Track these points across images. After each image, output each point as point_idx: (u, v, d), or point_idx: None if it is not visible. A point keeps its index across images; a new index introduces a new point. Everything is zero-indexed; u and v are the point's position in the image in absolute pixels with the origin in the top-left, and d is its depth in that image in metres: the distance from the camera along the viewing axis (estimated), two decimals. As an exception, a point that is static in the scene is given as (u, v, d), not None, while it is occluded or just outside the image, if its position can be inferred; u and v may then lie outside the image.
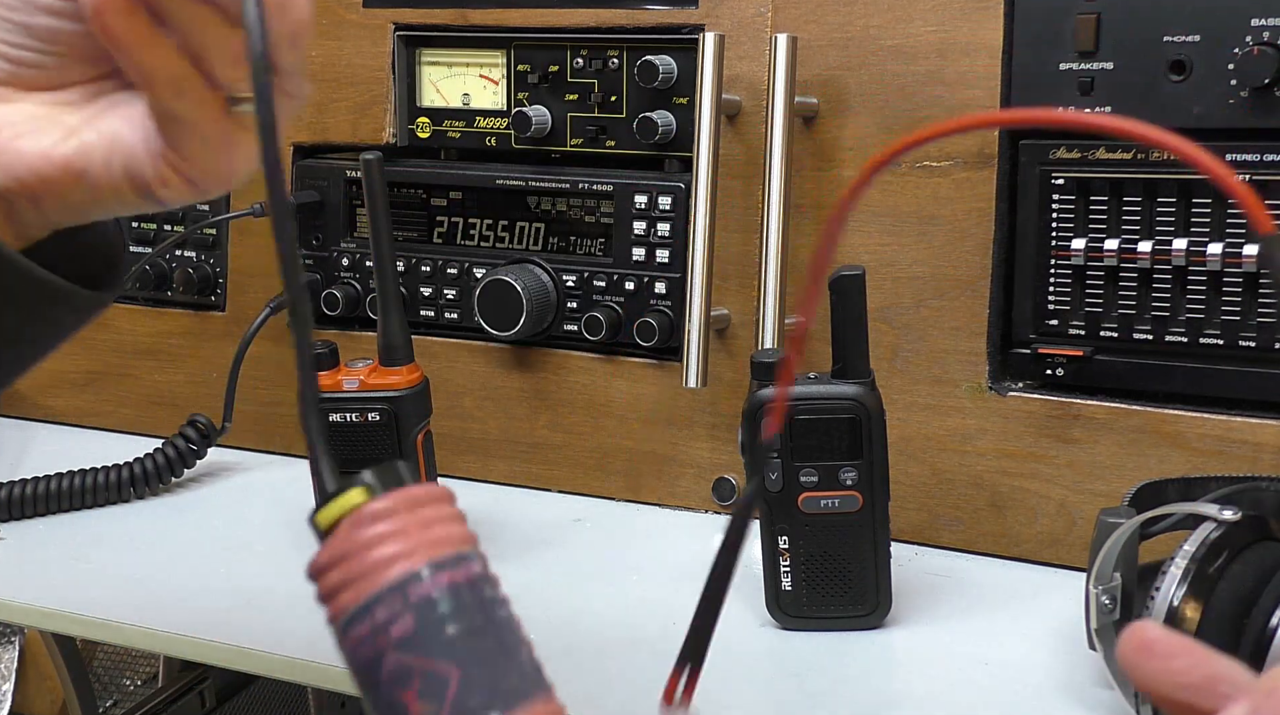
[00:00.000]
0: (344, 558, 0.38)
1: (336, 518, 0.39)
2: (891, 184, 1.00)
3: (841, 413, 0.84)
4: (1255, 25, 0.88)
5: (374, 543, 0.38)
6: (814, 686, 0.82)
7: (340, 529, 0.39)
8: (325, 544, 0.39)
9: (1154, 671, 0.42)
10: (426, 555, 0.39)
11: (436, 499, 0.40)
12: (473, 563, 0.39)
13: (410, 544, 0.39)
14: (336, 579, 0.38)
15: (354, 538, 0.38)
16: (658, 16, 1.08)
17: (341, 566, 0.38)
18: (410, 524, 0.39)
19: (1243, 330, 0.90)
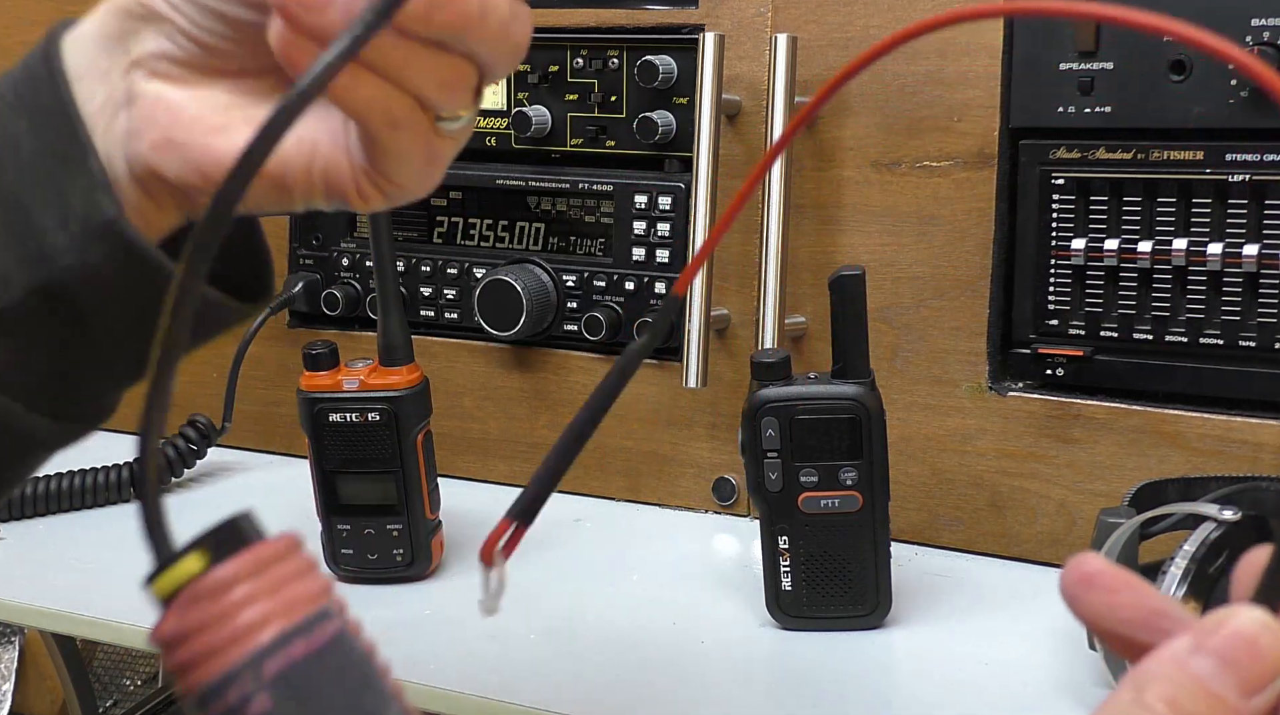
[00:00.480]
0: (188, 633, 0.35)
1: (174, 588, 0.35)
2: (891, 184, 1.00)
3: (841, 413, 0.84)
4: (1255, 25, 0.88)
5: (219, 617, 0.35)
6: (814, 686, 0.82)
7: (181, 600, 0.35)
8: (166, 615, 0.35)
9: (1095, 605, 0.41)
10: (279, 625, 0.35)
11: (282, 554, 0.37)
12: (329, 621, 0.36)
13: (259, 613, 0.35)
14: (184, 656, 0.35)
15: (197, 611, 0.35)
16: (658, 16, 1.08)
17: (187, 643, 0.35)
18: (257, 590, 0.36)
19: (1243, 330, 0.90)
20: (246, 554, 0.36)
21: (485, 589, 0.39)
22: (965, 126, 0.97)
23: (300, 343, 0.99)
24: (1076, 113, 0.94)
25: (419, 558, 0.96)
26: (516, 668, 0.84)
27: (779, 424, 0.85)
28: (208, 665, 0.34)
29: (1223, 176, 0.89)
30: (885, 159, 1.00)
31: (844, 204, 1.02)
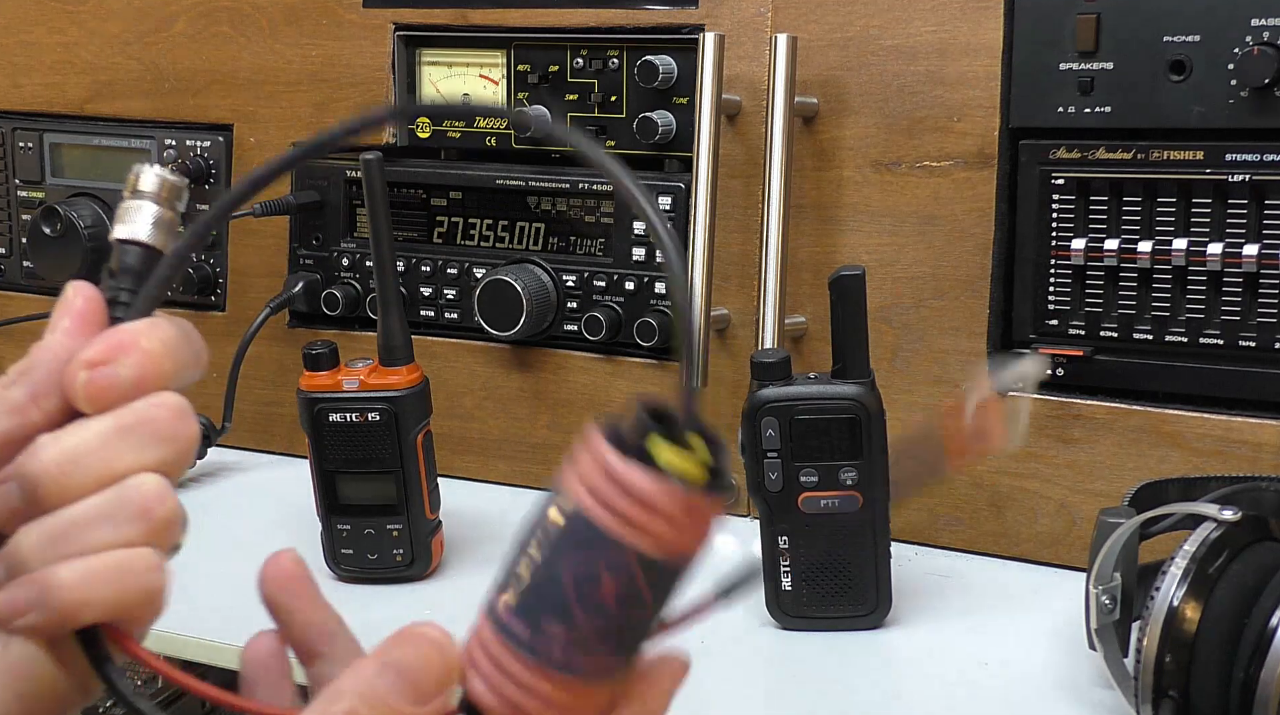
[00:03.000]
0: (669, 517, 0.39)
1: (673, 471, 0.39)
2: (892, 184, 1.00)
3: (841, 413, 0.84)
4: (1255, 25, 0.88)
5: (680, 526, 0.39)
6: (814, 686, 0.82)
7: (678, 493, 0.39)
8: (663, 482, 0.38)
9: (290, 608, 0.44)
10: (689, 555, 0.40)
11: (717, 510, 0.40)
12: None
13: (686, 544, 0.40)
14: (649, 523, 0.39)
15: (679, 512, 0.39)
16: (658, 16, 1.08)
17: (660, 521, 0.39)
18: (695, 536, 0.40)
19: (1243, 330, 0.90)
20: (716, 506, 0.39)
21: None
22: (965, 126, 0.97)
23: (300, 343, 0.99)
24: (1076, 113, 0.94)
25: (419, 558, 0.96)
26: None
27: (779, 424, 0.85)
28: (668, 542, 0.39)
29: (1223, 176, 0.89)
30: (885, 159, 1.00)
31: (844, 204, 1.02)
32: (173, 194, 0.48)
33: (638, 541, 0.38)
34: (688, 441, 0.39)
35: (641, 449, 0.39)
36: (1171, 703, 0.69)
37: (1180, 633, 0.69)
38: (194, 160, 1.26)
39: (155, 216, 0.47)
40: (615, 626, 0.39)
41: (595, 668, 0.40)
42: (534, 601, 0.40)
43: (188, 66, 1.26)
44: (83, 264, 1.27)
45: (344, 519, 0.95)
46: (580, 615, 0.39)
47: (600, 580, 0.39)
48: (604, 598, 0.39)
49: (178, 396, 0.44)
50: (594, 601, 0.39)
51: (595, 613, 0.39)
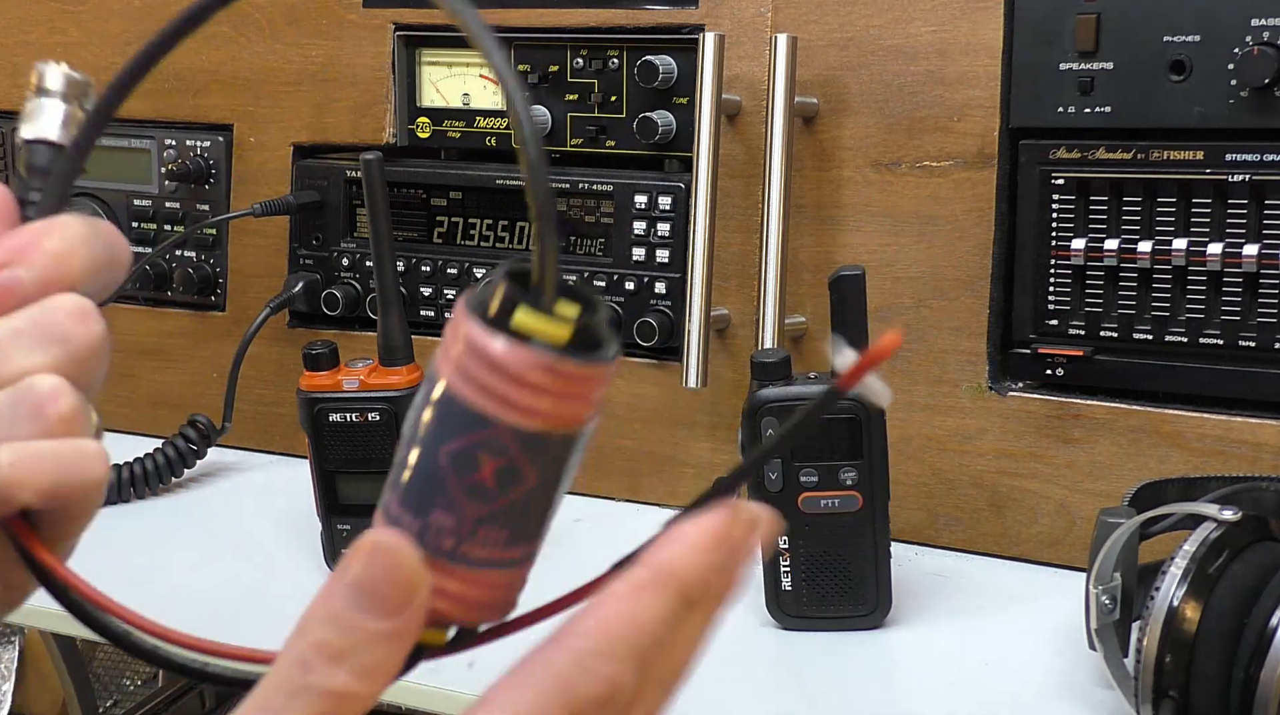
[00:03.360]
0: (528, 383, 0.36)
1: (534, 335, 0.36)
2: (892, 184, 1.00)
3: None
4: (1255, 25, 0.88)
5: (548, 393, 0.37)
6: (814, 686, 0.82)
7: (538, 356, 0.36)
8: (518, 348, 0.36)
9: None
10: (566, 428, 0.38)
11: (605, 380, 0.38)
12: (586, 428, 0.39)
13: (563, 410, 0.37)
14: (507, 391, 0.37)
15: (537, 376, 0.37)
16: (658, 16, 1.08)
17: (519, 388, 0.36)
18: (570, 398, 0.38)
19: (1243, 330, 0.90)
20: (587, 370, 0.37)
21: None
22: (965, 126, 0.97)
23: (300, 343, 0.99)
24: (1076, 113, 0.94)
25: (419, 558, 0.96)
26: (516, 668, 0.84)
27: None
28: (517, 415, 0.37)
29: (1223, 176, 0.89)
30: (885, 159, 1.00)
31: (844, 204, 1.02)
32: (79, 91, 0.47)
33: (508, 416, 0.36)
34: (552, 306, 0.36)
35: (504, 318, 0.36)
36: (1171, 703, 0.69)
37: (1180, 633, 0.69)
38: (194, 160, 1.26)
39: (64, 115, 0.46)
40: (500, 509, 0.38)
41: (488, 556, 0.38)
42: (418, 492, 0.38)
43: (188, 66, 1.26)
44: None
45: (344, 519, 0.95)
46: (463, 500, 0.37)
47: (477, 461, 0.37)
48: (484, 479, 0.37)
49: (77, 297, 0.43)
50: (473, 485, 0.37)
51: (478, 497, 0.37)
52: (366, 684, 0.37)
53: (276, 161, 1.23)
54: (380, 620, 0.37)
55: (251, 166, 1.24)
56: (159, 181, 1.28)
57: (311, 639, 0.37)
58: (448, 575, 0.38)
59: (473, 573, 0.38)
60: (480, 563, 0.38)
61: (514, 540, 0.39)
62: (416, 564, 0.37)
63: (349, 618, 0.37)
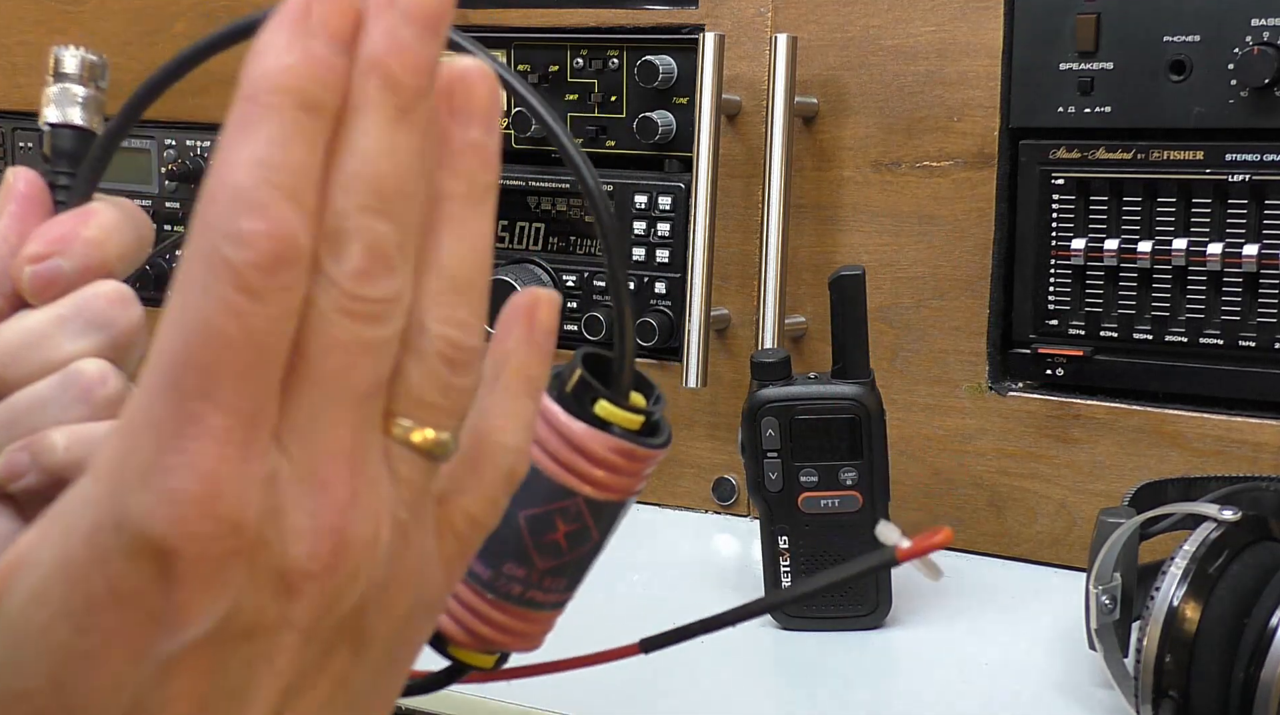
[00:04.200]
0: (610, 466, 0.43)
1: (614, 422, 0.42)
2: (892, 184, 1.00)
3: (841, 413, 0.84)
4: (1255, 25, 0.88)
5: (624, 472, 0.43)
6: (814, 686, 0.82)
7: (618, 445, 0.42)
8: (607, 437, 0.42)
9: None
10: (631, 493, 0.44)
11: (653, 462, 0.44)
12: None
13: (620, 485, 0.44)
14: (592, 471, 0.42)
15: (618, 458, 0.43)
16: (658, 16, 1.08)
17: (603, 468, 0.43)
18: (629, 482, 0.44)
19: (1243, 330, 0.90)
20: (654, 453, 0.43)
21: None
22: (965, 126, 0.97)
23: (300, 343, 0.99)
24: (1076, 113, 0.94)
25: (419, 558, 0.96)
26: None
27: (779, 424, 0.85)
28: (607, 489, 0.43)
29: (1223, 176, 0.89)
30: (885, 159, 1.00)
31: (844, 204, 1.02)
32: (95, 73, 0.47)
33: (585, 489, 0.42)
34: (626, 394, 0.42)
35: (586, 405, 0.42)
36: (1171, 703, 0.69)
37: (1180, 633, 0.69)
38: (194, 160, 1.26)
39: (83, 97, 0.47)
40: (567, 562, 0.44)
41: (549, 599, 0.45)
42: (493, 546, 0.43)
43: (188, 66, 1.25)
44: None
45: (344, 519, 0.95)
46: (536, 557, 0.43)
47: (554, 525, 0.43)
48: (557, 540, 0.43)
49: (117, 284, 0.44)
50: (548, 544, 0.43)
51: (550, 554, 0.43)
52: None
53: (276, 161, 1.22)
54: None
55: (251, 166, 1.24)
56: (159, 181, 1.28)
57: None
58: (510, 615, 0.45)
59: (531, 613, 0.45)
60: (540, 605, 0.45)
61: (570, 585, 0.46)
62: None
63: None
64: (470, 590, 0.44)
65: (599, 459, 0.42)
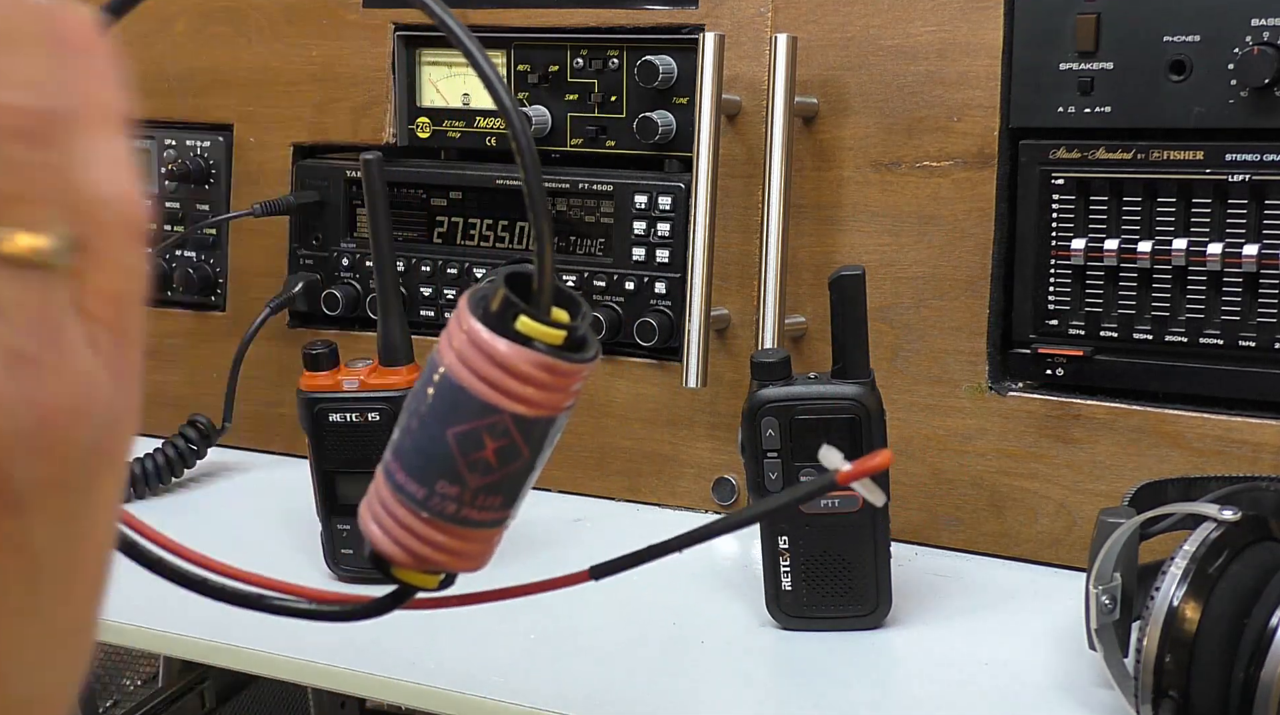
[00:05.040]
0: (526, 378, 0.43)
1: (534, 337, 0.42)
2: (892, 184, 1.00)
3: (841, 413, 0.84)
4: (1255, 25, 0.88)
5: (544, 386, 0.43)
6: (814, 686, 0.82)
7: (537, 357, 0.42)
8: (519, 348, 0.42)
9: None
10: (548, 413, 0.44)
11: (582, 377, 0.44)
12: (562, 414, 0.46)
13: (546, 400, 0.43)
14: (508, 384, 0.42)
15: (539, 373, 0.43)
16: (658, 16, 1.08)
17: (518, 380, 0.43)
18: (556, 390, 0.44)
19: (1243, 330, 0.90)
20: (578, 368, 0.43)
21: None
22: (965, 126, 0.97)
23: (300, 343, 0.99)
24: (1076, 113, 0.94)
25: (419, 558, 0.96)
26: (516, 668, 0.84)
27: (779, 424, 0.85)
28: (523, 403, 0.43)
29: (1223, 176, 0.89)
30: (885, 159, 1.00)
31: (844, 204, 1.02)
32: None
33: (511, 406, 0.43)
34: (548, 310, 0.43)
35: (508, 321, 0.42)
36: (1171, 703, 0.69)
37: (1180, 633, 0.69)
38: (194, 160, 1.26)
39: None
40: (499, 480, 0.44)
41: (486, 517, 0.45)
42: (422, 464, 0.44)
43: (188, 66, 1.26)
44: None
45: (344, 519, 0.95)
46: (467, 474, 0.44)
47: (482, 442, 0.43)
48: (486, 457, 0.43)
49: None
50: (478, 461, 0.43)
51: (481, 471, 0.44)
52: None
53: (276, 161, 1.23)
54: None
55: (251, 166, 1.24)
56: (159, 181, 1.28)
57: None
58: (447, 533, 0.45)
59: (468, 531, 0.45)
60: (476, 524, 0.45)
61: (506, 504, 0.45)
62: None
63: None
64: (406, 509, 0.45)
65: (522, 375, 0.42)
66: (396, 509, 0.45)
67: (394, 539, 0.45)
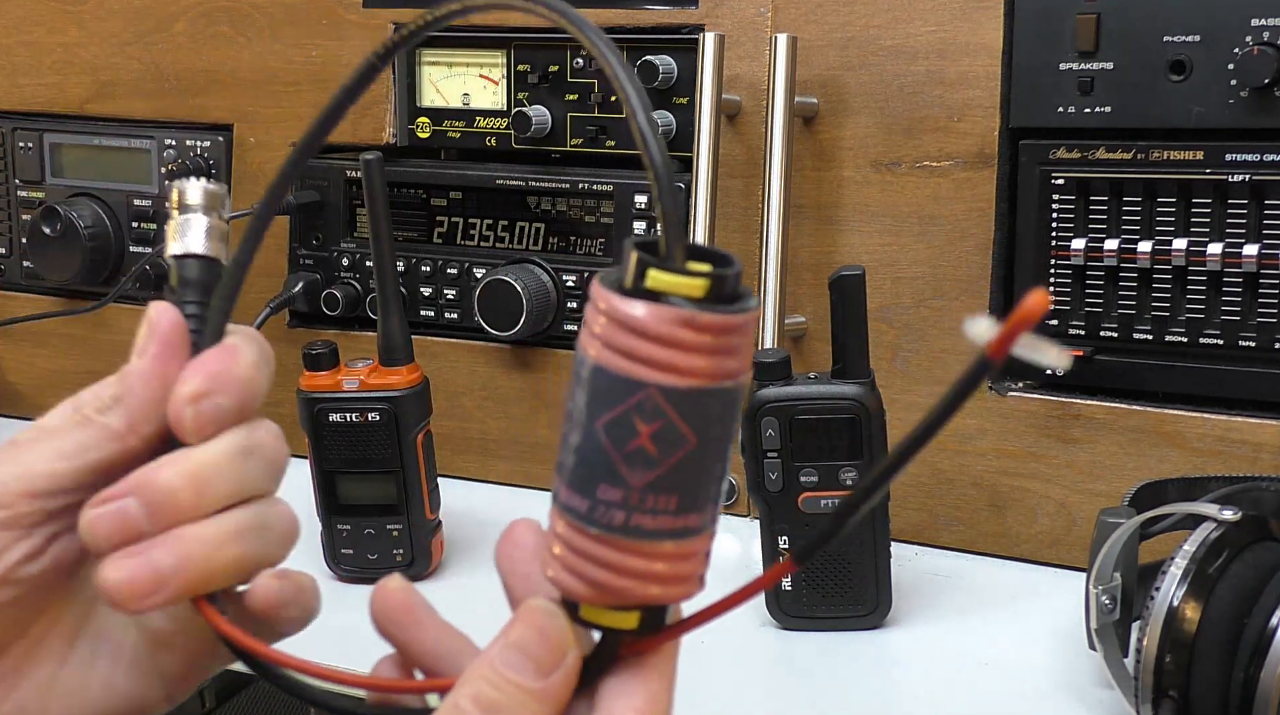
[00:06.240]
0: (662, 339, 0.37)
1: (667, 291, 0.37)
2: (891, 184, 1.00)
3: (841, 413, 0.84)
4: (1255, 25, 0.88)
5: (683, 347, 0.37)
6: (814, 686, 0.82)
7: (673, 311, 0.37)
8: (656, 308, 0.37)
9: (409, 640, 0.46)
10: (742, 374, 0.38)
11: (746, 328, 0.38)
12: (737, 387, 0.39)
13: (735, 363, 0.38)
14: (639, 348, 0.37)
15: (678, 330, 0.37)
16: (658, 16, 1.08)
17: (652, 343, 0.37)
18: (722, 348, 0.37)
19: (1243, 330, 0.90)
20: (725, 320, 0.37)
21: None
22: (965, 126, 0.97)
23: (300, 343, 0.99)
24: (1076, 113, 0.94)
25: (419, 557, 0.96)
26: (516, 668, 0.84)
27: (779, 424, 0.85)
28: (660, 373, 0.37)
29: (1223, 176, 0.89)
30: (885, 159, 1.00)
31: (844, 204, 1.02)
32: (217, 202, 0.49)
33: (654, 376, 0.37)
34: (683, 264, 0.37)
35: (639, 284, 0.37)
36: (1171, 703, 0.69)
37: (1180, 633, 0.69)
38: (194, 160, 1.26)
39: (206, 227, 0.48)
40: (665, 473, 0.37)
41: (661, 526, 0.38)
42: (583, 472, 0.38)
43: (188, 66, 1.26)
44: (83, 264, 1.27)
45: (344, 519, 0.95)
46: (626, 470, 0.37)
47: (633, 427, 0.37)
48: (642, 445, 0.37)
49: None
50: (634, 453, 0.37)
51: (640, 464, 0.37)
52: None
53: (276, 161, 1.23)
54: (535, 680, 0.40)
55: (251, 166, 1.24)
56: (159, 181, 1.28)
57: (470, 688, 0.41)
58: (622, 550, 0.38)
59: (648, 545, 0.38)
60: (654, 534, 0.38)
61: (685, 507, 0.38)
62: (566, 628, 0.41)
63: (506, 676, 0.40)
64: (572, 528, 0.39)
65: (659, 336, 0.36)
66: (564, 531, 0.40)
67: (569, 568, 0.40)
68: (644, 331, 0.36)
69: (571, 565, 0.39)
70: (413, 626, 0.46)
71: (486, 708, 0.40)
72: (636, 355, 0.37)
